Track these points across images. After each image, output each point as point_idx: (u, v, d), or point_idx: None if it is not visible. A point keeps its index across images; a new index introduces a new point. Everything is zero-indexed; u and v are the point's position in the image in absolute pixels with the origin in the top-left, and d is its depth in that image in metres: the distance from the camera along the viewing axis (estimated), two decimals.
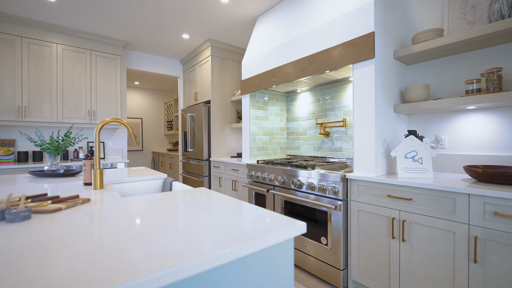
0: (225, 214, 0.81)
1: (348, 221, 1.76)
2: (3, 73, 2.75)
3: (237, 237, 0.61)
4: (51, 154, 1.73)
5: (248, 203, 0.94)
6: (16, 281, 0.42)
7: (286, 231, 0.68)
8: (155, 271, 0.45)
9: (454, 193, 1.27)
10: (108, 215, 0.81)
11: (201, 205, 0.92)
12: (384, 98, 1.69)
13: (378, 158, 1.65)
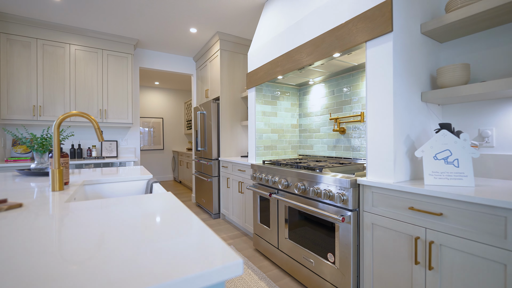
0: (137, 239, 0.59)
1: (360, 236, 1.43)
2: (20, 74, 2.85)
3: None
4: (38, 152, 1.66)
5: (196, 221, 0.71)
6: None
7: (209, 272, 0.43)
8: None
9: (507, 209, 0.90)
10: (13, 227, 0.63)
11: (125, 222, 0.71)
12: (407, 84, 1.34)
13: (399, 159, 1.30)
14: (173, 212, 0.77)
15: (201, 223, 0.67)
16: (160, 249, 0.51)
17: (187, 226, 0.64)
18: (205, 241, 0.55)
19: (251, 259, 2.22)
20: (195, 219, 0.70)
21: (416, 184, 1.22)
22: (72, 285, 0.38)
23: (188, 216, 0.73)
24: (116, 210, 0.80)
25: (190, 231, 0.61)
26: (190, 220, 0.69)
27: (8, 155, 3.00)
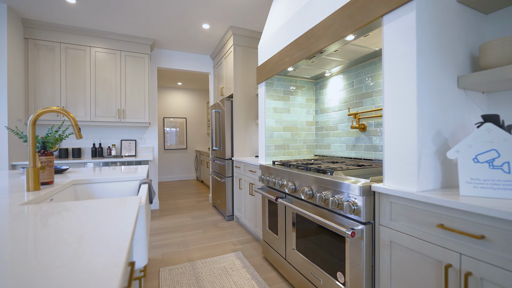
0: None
1: (376, 255, 1.17)
2: (45, 77, 3.02)
3: None
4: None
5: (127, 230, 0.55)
6: None
7: None
8: None
9: None
10: None
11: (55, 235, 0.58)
12: (437, 66, 1.05)
13: (425, 162, 1.02)
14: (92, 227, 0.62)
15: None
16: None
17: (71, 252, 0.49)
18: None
19: (258, 268, 2.03)
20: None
21: (449, 194, 0.94)
22: None
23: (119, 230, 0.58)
24: (57, 218, 0.68)
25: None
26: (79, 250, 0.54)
27: None
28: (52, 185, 1.23)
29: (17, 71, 2.80)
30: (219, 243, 2.53)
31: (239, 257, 2.21)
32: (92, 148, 3.39)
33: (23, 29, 2.91)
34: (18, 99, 2.80)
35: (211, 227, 3.01)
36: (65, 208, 0.79)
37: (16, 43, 2.78)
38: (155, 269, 2.03)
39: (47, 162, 1.22)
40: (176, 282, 1.82)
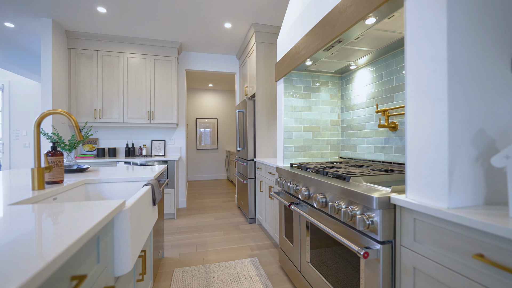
0: None
1: (396, 282, 0.95)
2: (85, 83, 3.30)
3: None
4: (65, 150, 1.79)
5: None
6: None
7: None
8: None
9: None
10: None
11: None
12: (481, 45, 0.80)
13: (460, 170, 0.78)
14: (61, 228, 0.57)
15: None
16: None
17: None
18: None
19: (272, 278, 1.90)
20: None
21: (493, 215, 0.70)
22: None
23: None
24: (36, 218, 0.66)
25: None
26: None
27: (79, 152, 3.53)
28: (61, 184, 1.28)
29: (61, 78, 3.10)
30: (237, 247, 2.46)
31: (255, 264, 2.10)
32: (126, 148, 3.61)
33: (66, 40, 3.23)
34: (62, 103, 3.10)
35: (232, 229, 2.96)
36: (37, 217, 0.77)
37: (61, 53, 3.09)
38: (170, 269, 2.04)
39: (56, 162, 1.27)
40: (187, 285, 1.79)
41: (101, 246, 0.76)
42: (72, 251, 0.53)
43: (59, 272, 0.52)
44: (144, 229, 1.15)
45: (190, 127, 6.70)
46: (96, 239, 0.73)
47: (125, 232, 0.89)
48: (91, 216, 0.71)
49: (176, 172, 3.47)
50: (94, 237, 0.70)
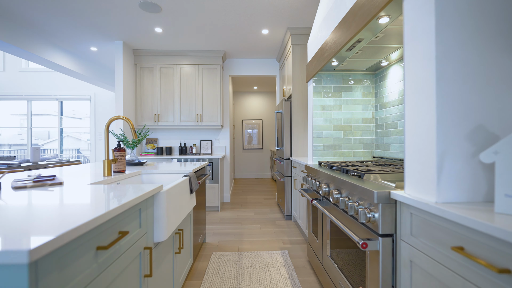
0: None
1: (397, 274, 0.99)
2: (147, 92, 3.92)
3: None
4: (128, 147, 2.23)
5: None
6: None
7: None
8: None
9: None
10: (37, 197, 0.91)
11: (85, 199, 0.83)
12: (477, 39, 0.79)
13: (453, 165, 0.79)
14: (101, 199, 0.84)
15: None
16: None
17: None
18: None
19: (298, 270, 2.00)
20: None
21: (477, 209, 0.71)
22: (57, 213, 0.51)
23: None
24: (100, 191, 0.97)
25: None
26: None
27: (143, 150, 4.20)
28: (123, 173, 1.65)
29: (130, 89, 3.77)
30: (270, 240, 2.62)
31: (284, 256, 2.23)
32: (179, 147, 4.13)
33: (133, 57, 3.89)
34: (130, 109, 3.76)
35: (269, 224, 3.13)
36: (106, 190, 1.09)
37: (129, 68, 3.75)
38: (209, 252, 2.33)
39: (120, 156, 1.65)
40: (221, 266, 2.03)
41: (143, 216, 1.02)
42: (118, 211, 0.78)
43: (111, 224, 0.78)
44: (180, 210, 1.42)
45: (236, 128, 7.13)
46: (138, 210, 0.99)
47: (162, 209, 1.16)
48: (136, 194, 0.98)
49: (220, 169, 3.81)
50: (136, 207, 0.97)
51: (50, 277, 0.54)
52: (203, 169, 2.43)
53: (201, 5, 2.66)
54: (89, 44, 3.67)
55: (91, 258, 0.69)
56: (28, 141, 6.21)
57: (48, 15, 2.84)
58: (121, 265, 0.84)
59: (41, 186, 1.13)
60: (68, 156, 6.39)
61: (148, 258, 1.06)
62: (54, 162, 3.93)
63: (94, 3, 2.61)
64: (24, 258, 0.47)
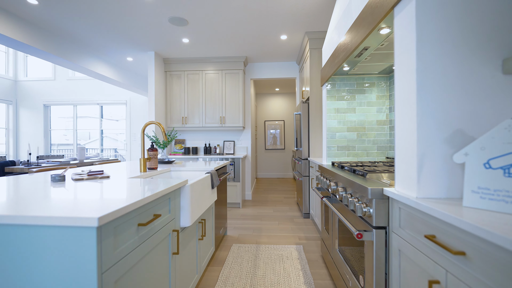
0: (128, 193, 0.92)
1: (388, 263, 1.10)
2: (176, 97, 4.28)
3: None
4: (159, 147, 2.53)
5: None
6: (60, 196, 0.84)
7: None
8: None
9: None
10: (91, 186, 1.18)
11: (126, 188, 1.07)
12: (462, 52, 0.89)
13: (432, 165, 0.90)
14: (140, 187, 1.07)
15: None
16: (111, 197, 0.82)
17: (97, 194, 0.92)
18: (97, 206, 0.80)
19: (311, 263, 2.13)
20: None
21: (447, 203, 0.81)
22: (108, 196, 0.77)
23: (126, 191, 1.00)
24: (137, 184, 1.21)
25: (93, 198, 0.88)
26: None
27: (172, 150, 4.57)
28: (155, 170, 1.92)
29: (161, 94, 4.14)
30: (286, 235, 2.77)
31: (299, 250, 2.37)
32: (204, 147, 4.44)
33: (164, 65, 4.27)
34: (161, 113, 4.14)
35: (286, 221, 3.27)
36: (143, 183, 1.33)
37: (160, 75, 4.13)
38: (230, 243, 2.54)
39: (153, 155, 1.92)
40: (239, 256, 2.23)
41: (171, 204, 1.25)
42: (151, 198, 1.01)
43: (148, 208, 1.01)
44: (203, 202, 1.64)
45: (259, 129, 7.33)
46: (168, 199, 1.22)
47: (187, 199, 1.38)
48: (166, 186, 1.21)
49: (241, 168, 4.03)
50: (166, 196, 1.20)
51: (108, 240, 0.77)
52: (224, 167, 2.65)
53: (223, 17, 2.89)
54: (125, 55, 4.11)
55: (134, 231, 0.92)
56: (74, 142, 6.99)
57: (93, 32, 3.27)
58: (155, 241, 1.07)
59: (93, 178, 1.41)
60: (107, 155, 7.07)
61: (176, 239, 1.28)
62: (97, 160, 4.44)
63: (131, 21, 2.97)
64: (95, 222, 0.70)
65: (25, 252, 0.72)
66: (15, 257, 0.72)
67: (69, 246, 0.72)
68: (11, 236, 0.73)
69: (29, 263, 0.72)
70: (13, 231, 0.73)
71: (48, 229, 0.72)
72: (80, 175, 1.46)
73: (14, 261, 0.72)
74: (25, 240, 0.72)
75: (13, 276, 0.72)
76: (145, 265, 1.00)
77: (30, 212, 0.73)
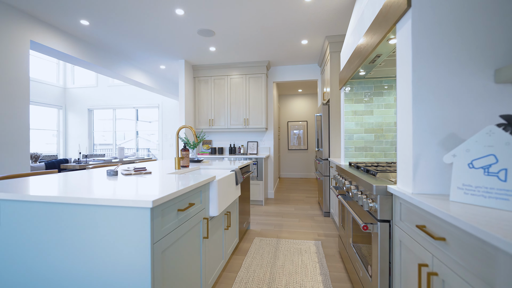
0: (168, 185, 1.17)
1: (391, 253, 1.22)
2: (203, 100, 4.60)
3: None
4: (190, 148, 2.81)
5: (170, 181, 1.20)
6: (117, 188, 1.15)
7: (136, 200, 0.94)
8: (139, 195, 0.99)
9: (496, 246, 0.61)
10: (139, 179, 1.46)
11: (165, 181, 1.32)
12: (454, 65, 1.00)
13: (426, 165, 1.02)
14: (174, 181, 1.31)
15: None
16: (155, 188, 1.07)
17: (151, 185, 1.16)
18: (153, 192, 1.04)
19: (328, 257, 2.27)
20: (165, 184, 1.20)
21: (437, 198, 0.93)
22: (147, 186, 1.03)
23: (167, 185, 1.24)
24: (176, 178, 1.47)
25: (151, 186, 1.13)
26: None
27: (200, 150, 4.91)
28: (187, 168, 2.19)
29: (190, 98, 4.49)
30: (306, 232, 2.91)
31: (317, 245, 2.50)
32: (229, 147, 4.71)
33: (192, 71, 4.62)
34: (190, 116, 4.48)
35: (307, 219, 3.40)
36: (178, 177, 1.59)
37: (189, 81, 4.47)
38: (252, 236, 2.75)
39: (185, 155, 2.20)
40: (261, 248, 2.43)
41: (202, 196, 1.49)
42: (187, 190, 1.25)
43: (184, 197, 1.25)
44: (228, 196, 1.87)
45: (282, 129, 7.47)
46: (200, 191, 1.46)
47: (214, 192, 1.61)
48: (197, 180, 1.44)
49: (264, 167, 4.23)
50: (198, 189, 1.43)
51: (157, 219, 1.01)
52: (247, 166, 2.87)
53: (247, 27, 3.11)
54: (159, 63, 4.52)
55: (174, 215, 1.16)
56: (113, 142, 7.72)
57: (132, 45, 3.68)
58: (190, 225, 1.31)
59: (139, 174, 1.70)
60: (141, 154, 7.70)
61: (206, 225, 1.52)
62: (136, 158, 4.92)
63: (165, 34, 3.31)
64: (150, 204, 0.94)
65: (100, 225, 0.99)
66: (95, 227, 0.99)
67: (131, 221, 0.97)
68: (91, 212, 1.00)
69: (103, 232, 0.99)
70: (93, 210, 1.00)
71: (117, 208, 0.98)
72: (128, 171, 1.76)
73: (95, 230, 0.99)
74: (100, 216, 0.99)
75: (96, 239, 0.99)
76: (182, 243, 1.24)
77: (104, 196, 1.00)
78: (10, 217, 1.07)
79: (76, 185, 1.25)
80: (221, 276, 1.95)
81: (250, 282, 1.85)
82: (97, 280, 0.99)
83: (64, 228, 1.02)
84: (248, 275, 1.95)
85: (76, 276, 1.01)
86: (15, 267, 1.06)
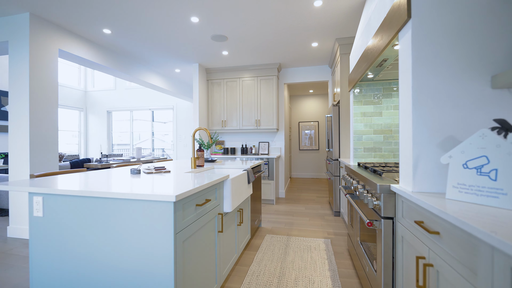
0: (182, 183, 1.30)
1: (394, 248, 1.29)
2: (216, 102, 4.76)
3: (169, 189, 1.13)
4: (205, 148, 2.96)
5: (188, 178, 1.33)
6: (140, 186, 1.30)
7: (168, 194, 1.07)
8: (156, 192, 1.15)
9: (478, 237, 0.69)
10: (160, 177, 1.61)
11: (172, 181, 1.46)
12: (450, 71, 1.07)
13: (425, 165, 1.09)
14: (190, 180, 1.44)
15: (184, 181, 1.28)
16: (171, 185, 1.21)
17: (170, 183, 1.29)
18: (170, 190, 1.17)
19: (337, 254, 2.34)
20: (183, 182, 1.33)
21: (433, 196, 1.01)
22: (166, 184, 1.18)
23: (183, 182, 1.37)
24: (192, 177, 1.61)
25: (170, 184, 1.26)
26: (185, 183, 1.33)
27: (213, 150, 5.08)
28: (202, 167, 2.33)
29: (203, 100, 4.66)
30: (316, 230, 2.99)
31: (326, 243, 2.58)
32: (241, 147, 4.84)
33: (206, 74, 4.78)
34: (203, 117, 4.65)
35: (317, 218, 3.47)
36: (195, 176, 1.72)
37: (203, 83, 4.64)
38: (264, 234, 2.86)
39: (200, 155, 2.34)
40: (272, 244, 2.54)
41: (217, 193, 1.61)
42: (204, 187, 1.37)
43: (201, 194, 1.38)
44: (241, 194, 1.98)
45: (293, 130, 7.53)
46: (215, 188, 1.58)
47: (228, 190, 1.73)
48: (213, 179, 1.57)
49: (275, 167, 4.33)
50: (213, 186, 1.56)
51: (179, 212, 1.14)
52: (259, 166, 2.98)
53: (259, 32, 3.22)
54: (174, 67, 4.72)
55: (193, 209, 1.29)
56: (130, 142, 8.05)
57: (149, 50, 3.89)
58: (206, 219, 1.43)
59: (159, 172, 1.86)
60: (157, 154, 7.98)
61: (220, 220, 1.64)
62: (153, 158, 5.15)
63: (180, 39, 3.48)
64: (173, 198, 1.07)
65: (132, 216, 1.13)
66: (127, 218, 1.14)
67: (157, 213, 1.10)
68: (121, 206, 1.14)
69: (134, 223, 1.13)
70: (127, 203, 1.14)
71: (145, 202, 1.12)
72: (149, 170, 1.91)
73: (128, 221, 1.14)
74: (132, 208, 1.13)
75: (128, 228, 1.14)
76: (200, 236, 1.37)
77: (133, 191, 1.14)
78: (53, 210, 1.23)
79: (105, 182, 1.41)
80: (234, 269, 2.07)
81: (261, 275, 1.96)
82: (128, 262, 1.13)
83: (100, 218, 1.17)
84: (260, 268, 2.06)
85: (110, 257, 1.16)
86: (62, 250, 1.23)
